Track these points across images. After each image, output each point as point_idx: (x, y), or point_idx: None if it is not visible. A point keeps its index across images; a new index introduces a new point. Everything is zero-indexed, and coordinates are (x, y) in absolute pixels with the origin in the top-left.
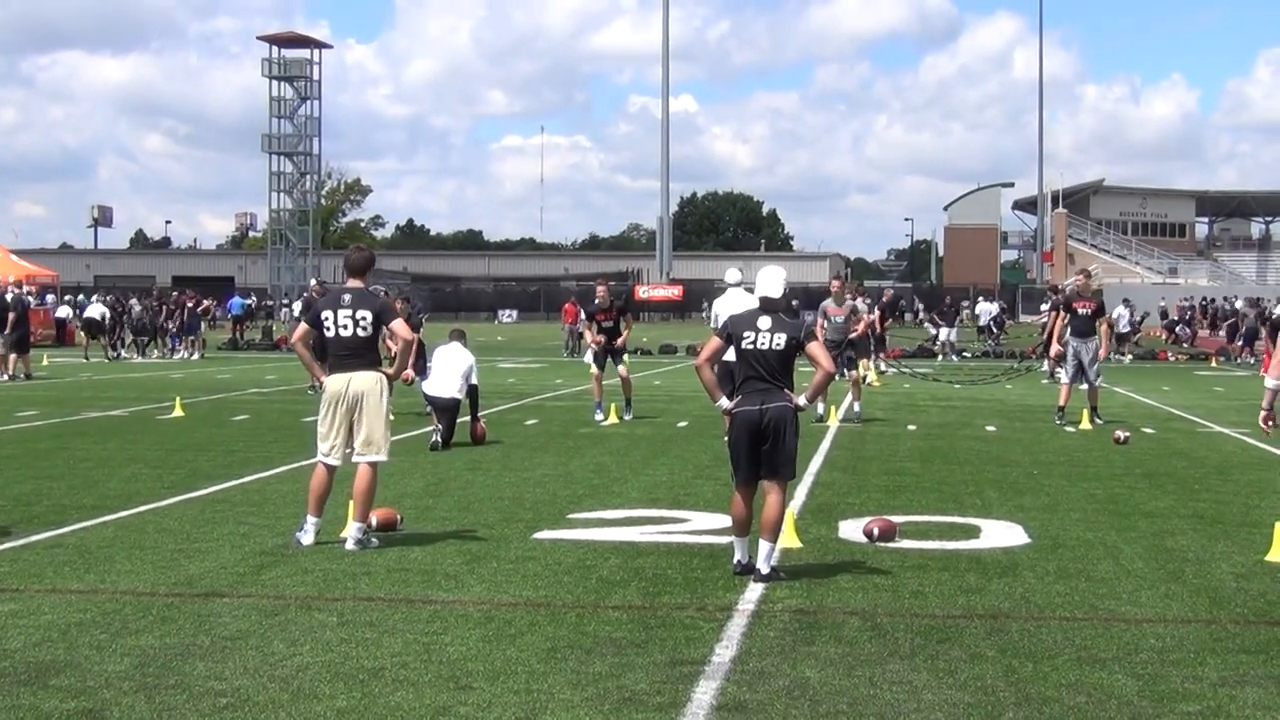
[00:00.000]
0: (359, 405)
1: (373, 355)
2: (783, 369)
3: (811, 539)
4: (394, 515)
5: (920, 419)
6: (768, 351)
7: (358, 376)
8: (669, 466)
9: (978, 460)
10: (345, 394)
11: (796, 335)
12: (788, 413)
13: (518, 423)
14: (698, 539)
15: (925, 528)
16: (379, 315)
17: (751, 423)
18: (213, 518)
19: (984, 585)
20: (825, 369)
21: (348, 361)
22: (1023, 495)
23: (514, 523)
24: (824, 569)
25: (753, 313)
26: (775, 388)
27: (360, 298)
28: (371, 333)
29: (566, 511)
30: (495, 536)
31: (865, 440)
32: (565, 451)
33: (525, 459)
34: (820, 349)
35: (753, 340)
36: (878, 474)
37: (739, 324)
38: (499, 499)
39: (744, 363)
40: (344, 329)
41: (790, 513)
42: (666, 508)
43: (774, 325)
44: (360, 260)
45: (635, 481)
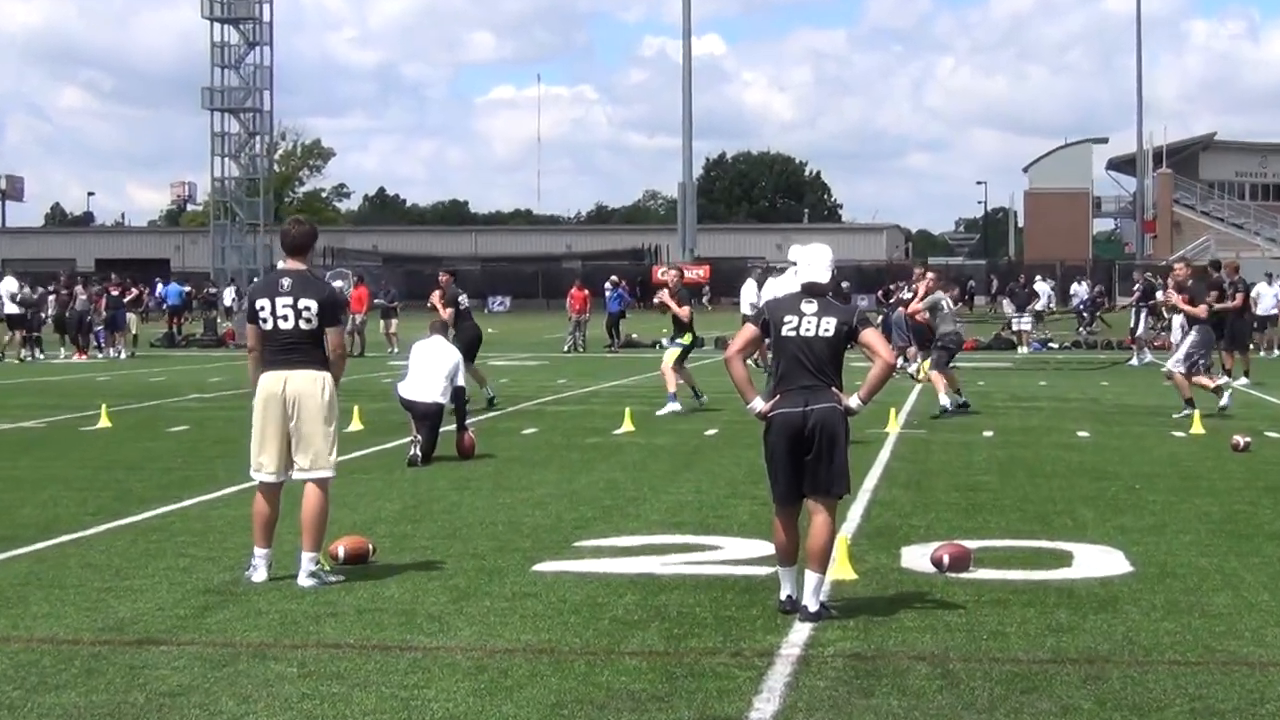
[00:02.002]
0: (297, 410)
1: (317, 354)
2: (831, 362)
3: (869, 569)
4: (365, 544)
5: (997, 423)
6: (814, 340)
7: (296, 376)
8: (696, 483)
9: (1068, 472)
10: (280, 396)
11: (848, 320)
12: (837, 415)
13: (513, 432)
14: (732, 570)
15: (1005, 554)
16: (326, 306)
17: (793, 427)
18: (147, 550)
19: (1077, 623)
20: (884, 360)
21: (285, 358)
22: (1123, 514)
23: (510, 552)
24: (884, 605)
25: (795, 295)
26: (821, 385)
27: (302, 283)
28: (316, 326)
29: (573, 538)
30: (487, 569)
31: (932, 449)
32: (570, 466)
33: (522, 476)
34: (878, 336)
35: (795, 327)
36: (947, 490)
37: (778, 308)
38: (491, 524)
39: (785, 355)
40: (283, 320)
41: (843, 538)
42: (693, 533)
43: (821, 309)
44: (299, 236)
45: (655, 501)
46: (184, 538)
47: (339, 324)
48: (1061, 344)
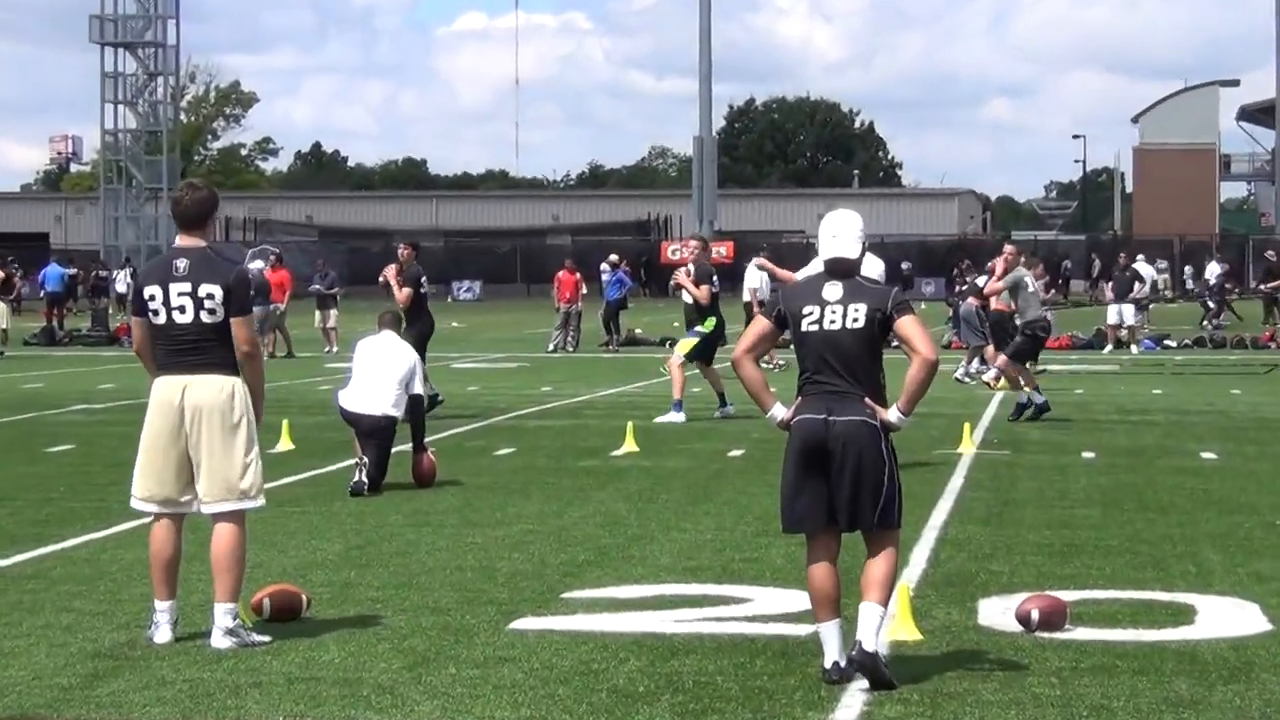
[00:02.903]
0: (198, 426)
1: (225, 354)
2: (863, 360)
3: (938, 627)
4: (297, 596)
5: (1100, 441)
6: (839, 334)
7: (197, 382)
8: (716, 518)
9: (1189, 504)
10: (178, 408)
11: (882, 305)
12: (869, 431)
13: (483, 453)
14: (762, 629)
15: (1111, 609)
16: (232, 291)
17: (812, 437)
18: (20, 603)
19: (1203, 696)
20: (923, 356)
21: (183, 360)
22: (1259, 558)
23: (481, 605)
24: (957, 673)
25: (815, 279)
26: (850, 390)
27: (203, 264)
28: (221, 318)
29: (561, 588)
30: (452, 627)
31: (1017, 475)
32: (558, 496)
33: (497, 508)
34: (918, 325)
35: (817, 318)
36: (1037, 527)
37: (795, 296)
38: (457, 569)
39: (807, 354)
40: (179, 313)
41: (904, 587)
42: (714, 581)
43: (848, 293)
44: (194, 205)
45: (665, 541)
46: (67, 587)
47: (247, 313)
48: (1181, 341)
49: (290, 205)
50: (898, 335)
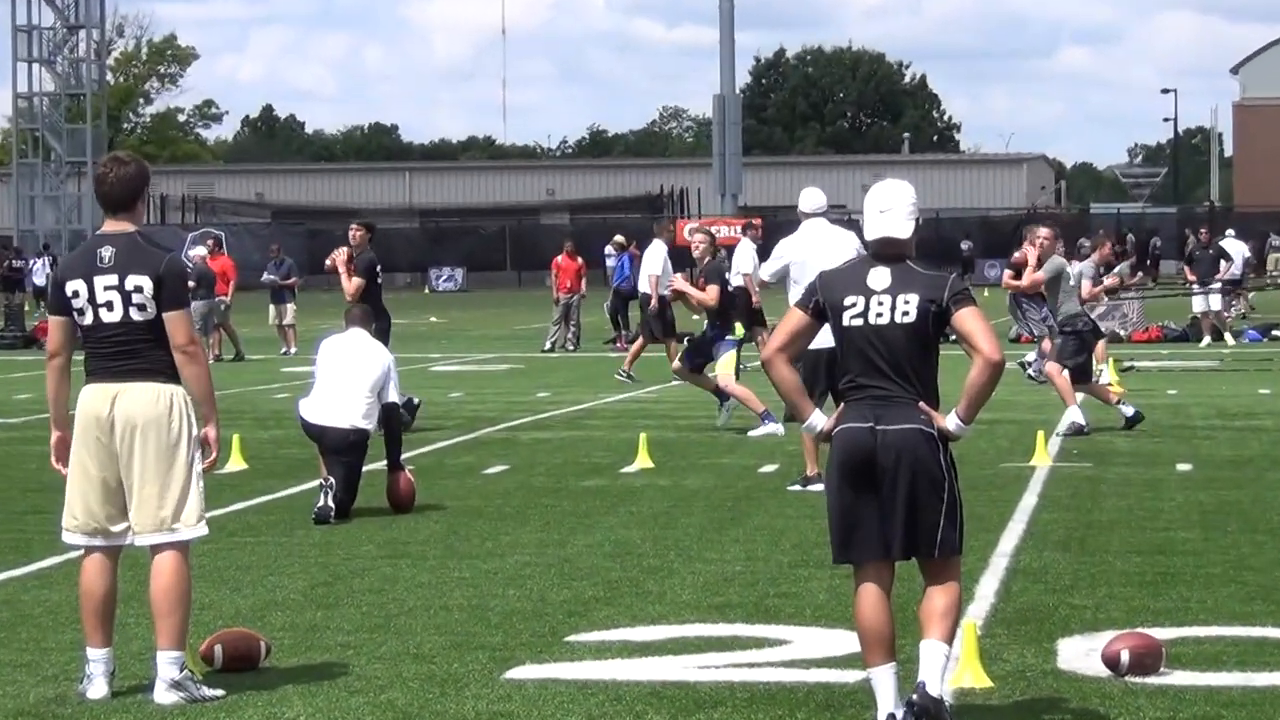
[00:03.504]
0: (130, 443)
1: (159, 357)
2: (914, 359)
3: (1011, 671)
4: (254, 642)
5: (1198, 451)
6: (887, 329)
7: (130, 391)
8: (747, 546)
9: None
10: (107, 421)
11: (937, 295)
12: (924, 441)
13: (472, 471)
14: (802, 676)
15: (1214, 648)
16: (165, 283)
17: (858, 451)
18: None
19: None
20: (985, 356)
21: (113, 365)
22: None
23: (471, 651)
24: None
25: (859, 264)
26: (901, 394)
27: (131, 252)
28: (154, 314)
29: (564, 630)
30: (438, 677)
31: (1101, 492)
32: (559, 522)
33: (488, 537)
34: (979, 319)
35: (861, 310)
36: (1125, 552)
37: (835, 283)
38: (442, 609)
39: (849, 351)
40: (106, 310)
41: (970, 625)
42: (745, 621)
43: (897, 281)
44: (120, 183)
45: (687, 574)
46: None
47: (183, 306)
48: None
49: (237, 181)
50: (956, 331)
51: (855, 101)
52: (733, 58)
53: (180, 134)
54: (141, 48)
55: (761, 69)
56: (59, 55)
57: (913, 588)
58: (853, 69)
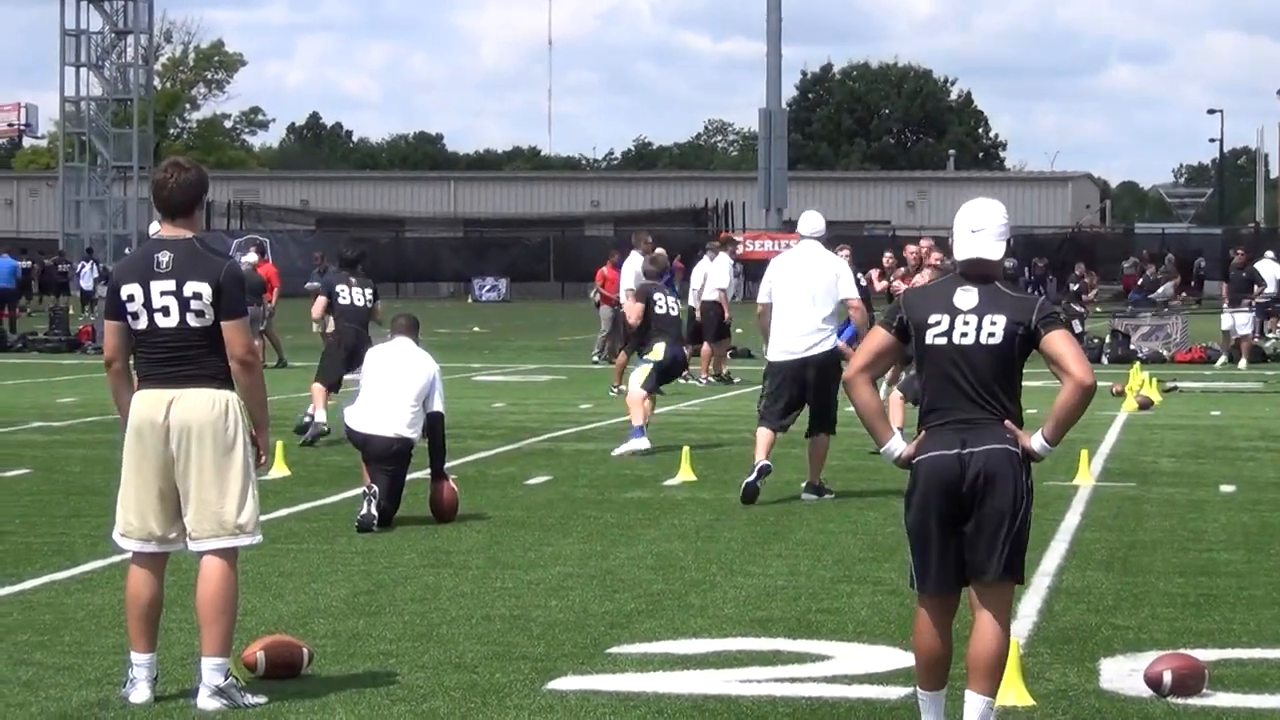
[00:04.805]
0: (185, 449)
1: (216, 363)
2: (1000, 381)
3: (1053, 691)
4: (297, 649)
5: (1242, 472)
6: (973, 350)
7: (185, 397)
8: (790, 560)
9: None
10: (162, 426)
11: (1025, 319)
12: (1011, 461)
13: (513, 481)
14: (845, 691)
15: (1258, 670)
16: (224, 290)
17: (946, 479)
18: None
19: None
20: (1077, 379)
21: (168, 371)
22: None
23: (513, 662)
24: None
25: (946, 283)
26: (988, 416)
27: (189, 258)
28: (211, 321)
29: (606, 642)
30: (480, 687)
31: (1144, 512)
32: (602, 534)
33: (530, 547)
34: (1070, 343)
35: (946, 330)
36: (1168, 573)
37: (921, 303)
38: (485, 619)
39: (933, 372)
40: (162, 315)
41: (1014, 643)
42: (787, 635)
43: (984, 302)
44: (180, 189)
45: (729, 588)
46: (26, 636)
47: (242, 315)
48: None
49: (282, 188)
50: (1045, 354)
51: (901, 117)
52: (779, 72)
53: (226, 140)
54: (189, 53)
55: (808, 83)
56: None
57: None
58: (899, 85)
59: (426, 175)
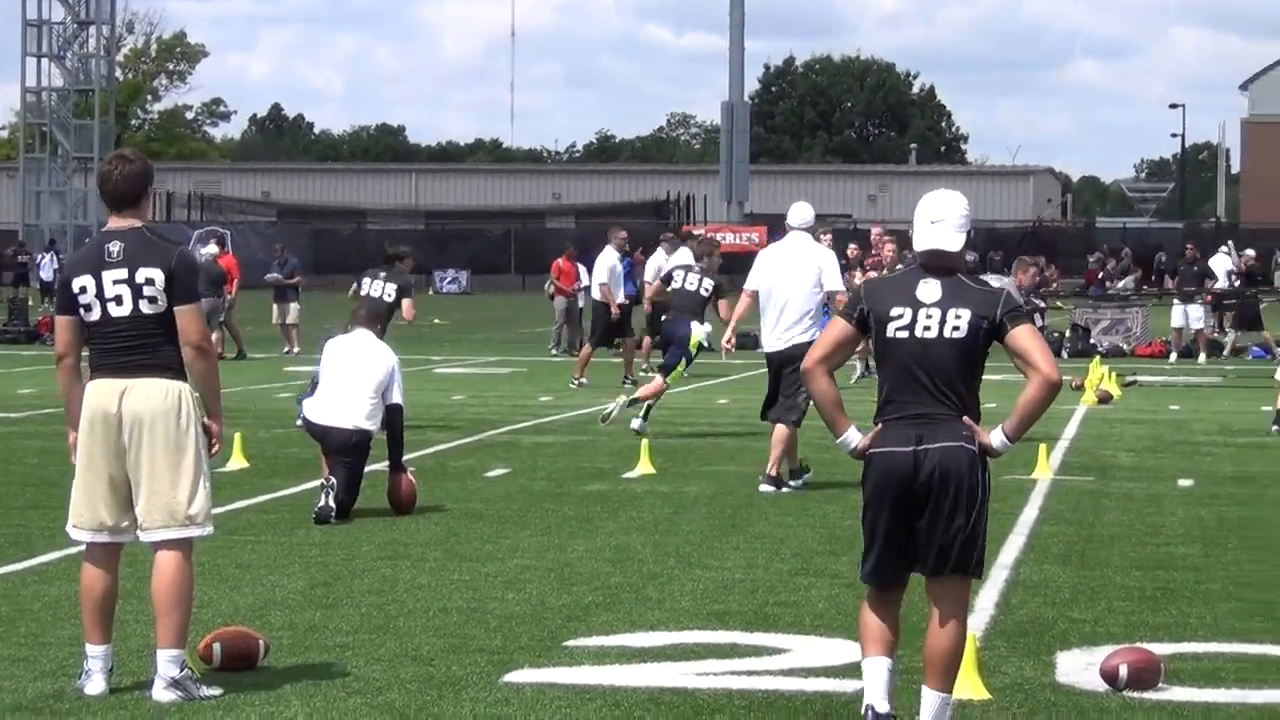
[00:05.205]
0: (137, 439)
1: (169, 353)
2: (962, 376)
3: (1009, 684)
4: (253, 641)
5: (1200, 467)
6: (935, 343)
7: (138, 387)
8: (748, 553)
9: None
10: (115, 417)
11: (989, 313)
12: (968, 458)
13: (472, 474)
14: (802, 684)
15: (1213, 664)
16: (176, 277)
17: (899, 474)
18: None
19: None
20: (1043, 375)
21: (121, 360)
22: None
23: (470, 654)
24: None
25: (908, 275)
26: (946, 412)
27: (141, 246)
28: (164, 307)
29: (564, 635)
30: (436, 679)
31: (1102, 506)
32: (560, 527)
33: (488, 540)
34: (1035, 338)
35: (908, 323)
36: (1125, 567)
37: (883, 294)
38: (441, 612)
39: (891, 365)
40: (115, 304)
41: (970, 637)
42: (744, 628)
43: (948, 294)
44: (125, 180)
45: (687, 581)
46: None
47: (195, 301)
48: None
49: (243, 179)
50: (1011, 349)
51: (863, 111)
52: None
53: (188, 131)
54: (151, 44)
55: (770, 77)
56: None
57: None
58: (861, 78)
59: (388, 167)
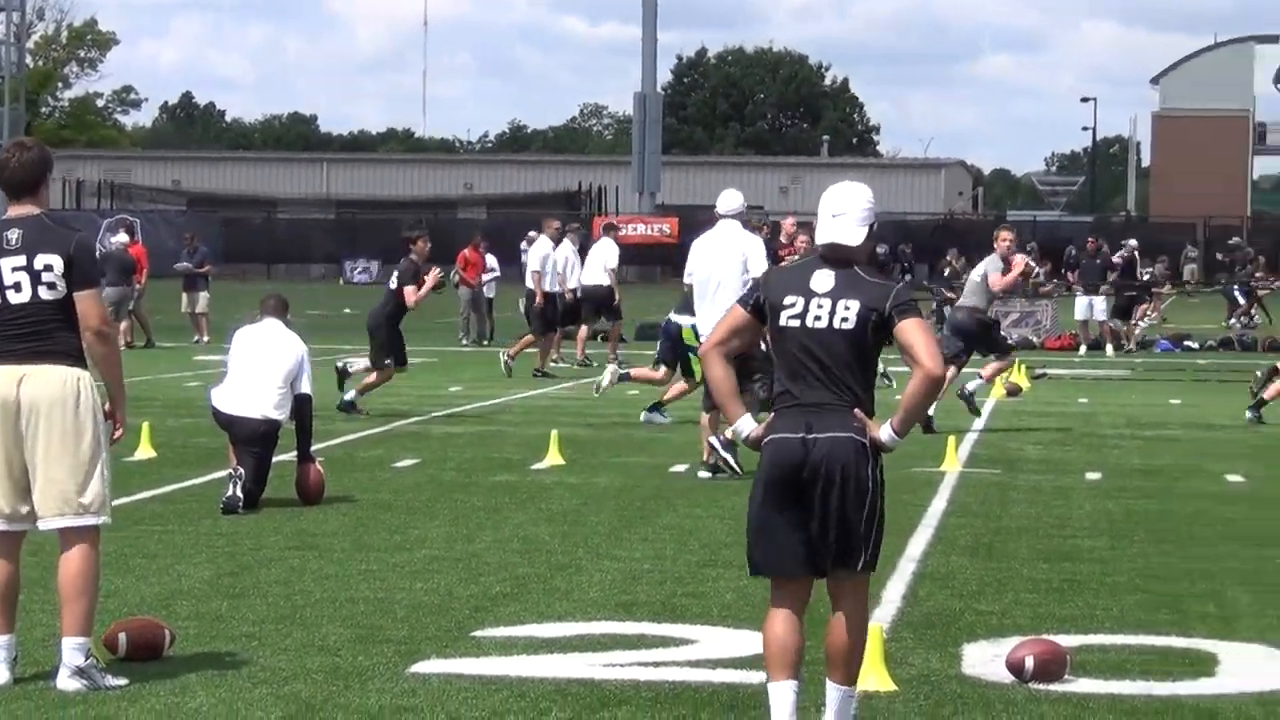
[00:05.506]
0: (35, 426)
1: (69, 340)
2: (853, 367)
3: (915, 676)
4: (159, 631)
5: (1108, 460)
6: (826, 333)
7: (36, 374)
8: (656, 545)
9: (1213, 536)
10: (13, 404)
11: (879, 305)
12: (855, 450)
13: (382, 464)
14: (709, 676)
15: (1119, 656)
16: (76, 262)
17: (788, 462)
18: None
19: None
20: (925, 369)
21: (21, 347)
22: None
23: (376, 645)
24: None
25: (806, 264)
26: (835, 402)
27: (39, 233)
28: (63, 294)
29: (471, 625)
30: (342, 670)
31: (1010, 498)
32: (468, 517)
33: (396, 530)
34: (922, 331)
35: (800, 313)
36: (1032, 559)
37: (780, 283)
38: (348, 602)
39: (784, 354)
40: (14, 291)
41: (876, 628)
42: (652, 619)
43: (841, 286)
44: (22, 169)
45: (595, 571)
46: None
47: (95, 286)
48: (1204, 342)
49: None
50: (897, 342)
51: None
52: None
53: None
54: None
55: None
56: None
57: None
58: (774, 70)
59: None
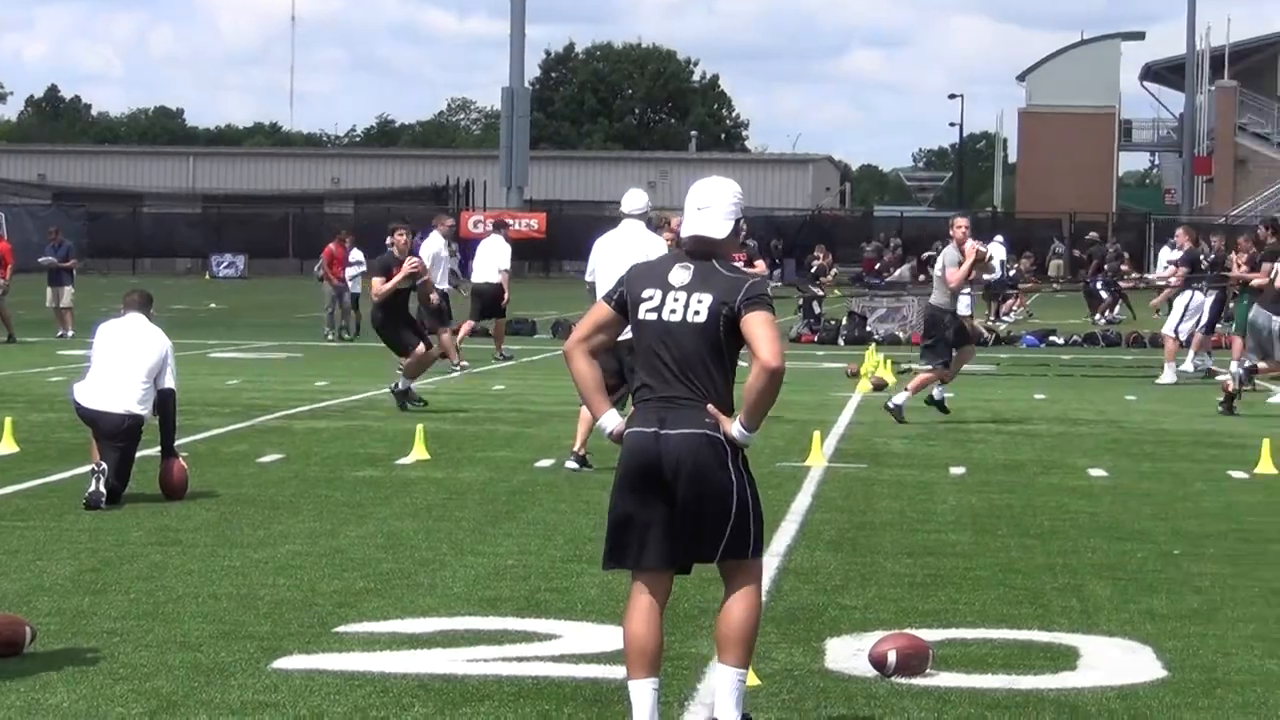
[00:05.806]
0: None
1: None
2: (706, 362)
3: (778, 670)
4: (19, 627)
5: (971, 455)
6: (679, 327)
7: None
8: (520, 540)
9: (1074, 530)
10: None
11: (730, 299)
12: (707, 446)
13: (245, 459)
14: (572, 670)
15: (981, 651)
16: None
17: (641, 456)
18: None
19: None
20: (762, 362)
21: None
22: (1154, 593)
23: (238, 640)
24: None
25: (667, 258)
26: (688, 397)
27: None
28: None
29: (334, 621)
30: (204, 666)
31: (874, 493)
32: (332, 512)
33: (259, 526)
34: (765, 324)
35: (656, 306)
36: (896, 553)
37: (640, 277)
38: (211, 598)
39: (642, 347)
40: None
41: None
42: (515, 614)
43: (697, 280)
44: None
45: (459, 567)
46: None
47: None
48: (1068, 338)
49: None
50: (743, 334)
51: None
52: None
53: None
54: None
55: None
56: None
57: (709, 587)
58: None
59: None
